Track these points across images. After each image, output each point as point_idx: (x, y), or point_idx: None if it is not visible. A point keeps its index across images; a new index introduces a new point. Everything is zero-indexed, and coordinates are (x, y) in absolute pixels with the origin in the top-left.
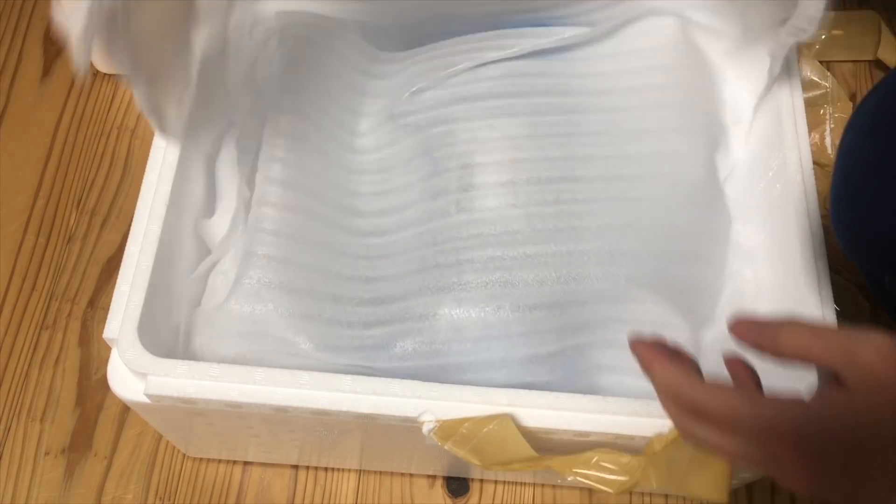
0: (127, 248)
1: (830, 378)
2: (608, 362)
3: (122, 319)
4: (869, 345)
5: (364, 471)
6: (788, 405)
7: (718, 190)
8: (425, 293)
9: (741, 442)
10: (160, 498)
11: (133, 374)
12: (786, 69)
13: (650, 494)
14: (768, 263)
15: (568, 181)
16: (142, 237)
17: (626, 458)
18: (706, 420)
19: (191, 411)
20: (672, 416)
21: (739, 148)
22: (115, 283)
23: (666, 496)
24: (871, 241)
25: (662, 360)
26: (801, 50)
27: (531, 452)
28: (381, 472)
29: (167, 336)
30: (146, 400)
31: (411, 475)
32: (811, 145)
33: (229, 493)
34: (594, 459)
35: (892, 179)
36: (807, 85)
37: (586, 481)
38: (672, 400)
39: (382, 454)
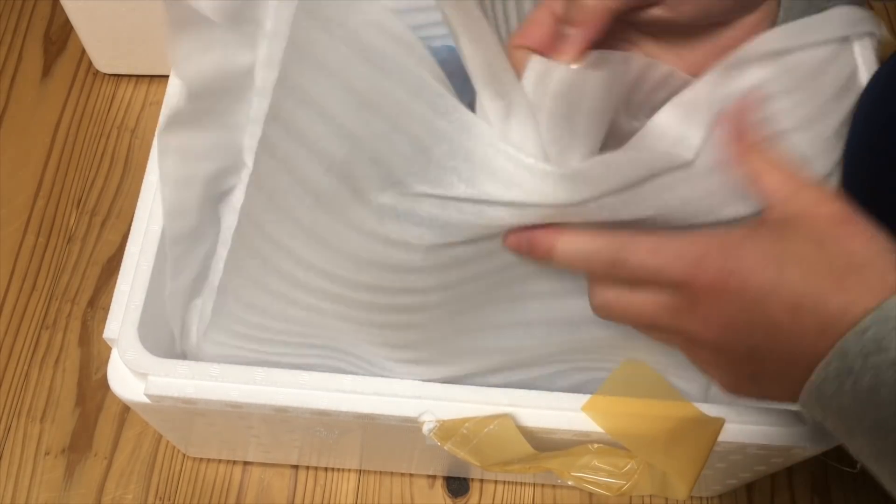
0: (127, 248)
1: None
2: (613, 366)
3: (122, 320)
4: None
5: (364, 471)
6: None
7: None
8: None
9: (656, 291)
10: (160, 498)
11: (133, 375)
12: None
13: (650, 496)
14: None
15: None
16: (142, 237)
17: (623, 462)
18: (625, 272)
19: (191, 411)
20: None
21: None
22: (115, 283)
23: (666, 498)
24: (880, 215)
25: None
26: None
27: (532, 451)
28: (381, 472)
29: (168, 336)
30: (146, 400)
31: (411, 475)
32: None
33: (229, 494)
34: (592, 462)
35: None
36: None
37: (585, 485)
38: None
39: (382, 454)
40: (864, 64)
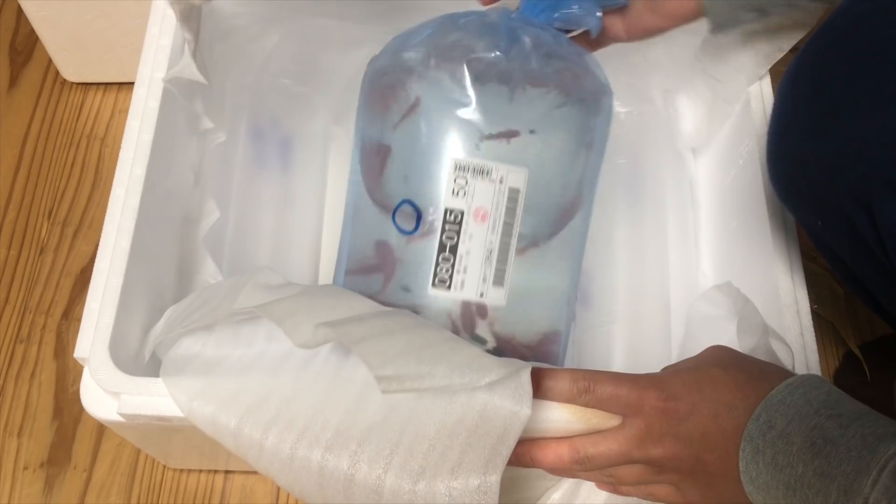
0: (96, 264)
1: None
2: None
3: (92, 338)
4: None
5: None
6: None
7: None
8: None
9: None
10: None
11: (106, 393)
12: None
13: None
14: (741, 250)
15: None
16: (111, 253)
17: None
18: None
19: (167, 428)
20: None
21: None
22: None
23: None
24: (800, 187)
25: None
26: None
27: None
28: None
29: (141, 352)
30: (121, 419)
31: None
32: None
33: (212, 502)
34: None
35: (813, 125)
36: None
37: None
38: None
39: None
40: None
